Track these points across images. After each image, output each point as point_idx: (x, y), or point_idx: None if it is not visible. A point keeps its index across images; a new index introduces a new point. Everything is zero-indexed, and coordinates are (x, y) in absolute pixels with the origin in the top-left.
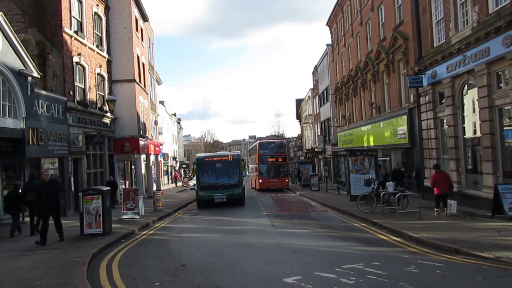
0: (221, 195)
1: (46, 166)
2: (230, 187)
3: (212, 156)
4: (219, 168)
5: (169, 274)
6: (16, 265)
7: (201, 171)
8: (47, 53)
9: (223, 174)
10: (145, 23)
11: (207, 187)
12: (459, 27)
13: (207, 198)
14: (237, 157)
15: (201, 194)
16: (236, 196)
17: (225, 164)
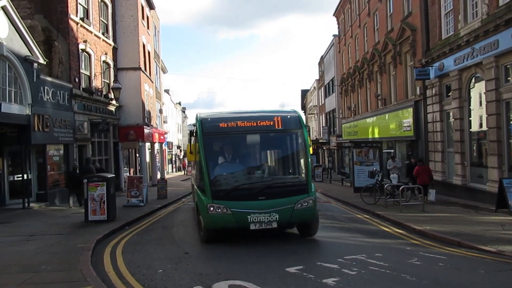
0: (265, 215)
1: (51, 153)
2: (284, 194)
3: (235, 119)
4: (254, 149)
5: (172, 261)
6: (21, 249)
7: (211, 154)
8: (53, 39)
9: (265, 163)
10: (151, 11)
11: (228, 194)
12: (468, 19)
13: (228, 223)
14: (295, 121)
15: (212, 213)
16: (301, 216)
17: (269, 138)
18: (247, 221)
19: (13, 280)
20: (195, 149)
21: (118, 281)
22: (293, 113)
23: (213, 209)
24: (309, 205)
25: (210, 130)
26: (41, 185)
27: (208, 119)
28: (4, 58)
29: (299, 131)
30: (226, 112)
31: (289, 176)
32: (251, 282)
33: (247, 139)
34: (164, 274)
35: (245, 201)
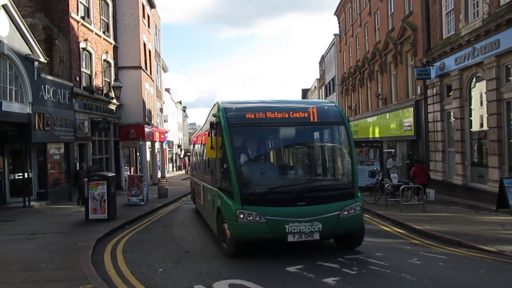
0: (305, 224)
1: (52, 151)
2: (327, 199)
3: (264, 109)
4: (288, 144)
5: (173, 260)
6: (22, 248)
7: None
8: (54, 38)
9: (302, 161)
10: (152, 10)
11: (261, 198)
12: (469, 18)
13: (262, 233)
14: (334, 113)
15: (242, 221)
16: (347, 226)
17: (305, 132)
18: (284, 231)
19: (13, 279)
20: (217, 143)
21: (118, 279)
22: (331, 104)
23: (243, 217)
24: (356, 212)
25: (236, 121)
26: (41, 183)
27: (233, 108)
28: (5, 56)
29: (341, 124)
30: (250, 101)
31: (332, 177)
32: (252, 281)
33: (280, 133)
34: (165, 273)
35: (282, 207)
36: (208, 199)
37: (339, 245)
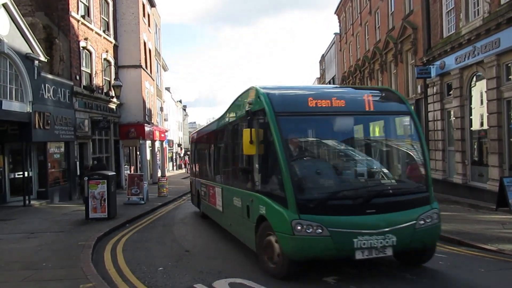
0: (377, 237)
1: (52, 150)
2: (401, 205)
3: (316, 96)
4: (347, 138)
5: (173, 259)
6: (22, 247)
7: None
8: (54, 37)
9: (366, 160)
10: (152, 9)
11: (322, 205)
12: (470, 17)
13: (325, 250)
14: (399, 102)
15: (300, 235)
16: (424, 239)
17: (367, 124)
18: (352, 246)
19: (14, 277)
20: (257, 137)
21: (118, 278)
22: (390, 92)
23: (301, 229)
24: (433, 221)
25: (285, 110)
26: (41, 182)
27: (276, 94)
28: (5, 55)
29: (407, 115)
30: (293, 87)
31: (402, 179)
32: (252, 280)
33: (338, 125)
34: (165, 271)
35: (349, 216)
36: (235, 204)
37: (404, 261)
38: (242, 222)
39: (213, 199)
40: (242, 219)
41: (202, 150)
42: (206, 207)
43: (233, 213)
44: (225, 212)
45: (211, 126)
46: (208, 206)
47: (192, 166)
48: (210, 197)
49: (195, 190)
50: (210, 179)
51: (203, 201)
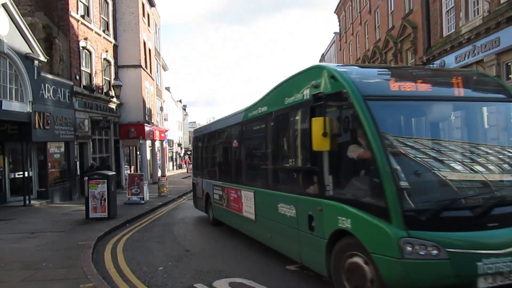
0: (504, 259)
1: (52, 150)
2: None
3: (409, 77)
4: (450, 130)
5: (173, 259)
6: (23, 246)
7: (389, 137)
8: (54, 37)
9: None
10: (152, 8)
11: (437, 218)
12: (470, 16)
13: (442, 278)
14: (498, 86)
15: (412, 258)
16: None
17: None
18: (474, 272)
19: (14, 277)
20: (331, 128)
21: (119, 278)
22: (484, 76)
23: (412, 250)
24: None
25: (374, 92)
26: (42, 182)
27: (356, 72)
28: (5, 55)
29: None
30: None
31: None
32: (252, 279)
33: (439, 113)
34: (165, 271)
35: (468, 232)
36: (283, 213)
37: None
38: (297, 236)
39: (237, 205)
40: (296, 232)
41: (215, 147)
42: (222, 212)
43: (276, 224)
44: (260, 221)
45: (232, 119)
46: (227, 212)
47: (197, 166)
48: (231, 202)
49: (202, 193)
50: (230, 181)
51: (216, 205)
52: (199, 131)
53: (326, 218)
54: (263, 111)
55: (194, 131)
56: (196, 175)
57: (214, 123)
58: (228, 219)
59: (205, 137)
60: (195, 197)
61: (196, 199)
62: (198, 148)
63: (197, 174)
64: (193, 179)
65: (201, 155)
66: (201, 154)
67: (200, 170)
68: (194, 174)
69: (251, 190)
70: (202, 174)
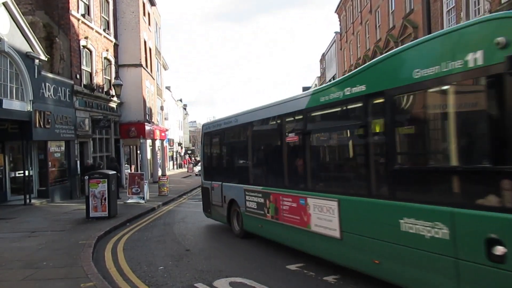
0: None
1: (52, 149)
2: None
3: None
4: None
5: (174, 258)
6: (23, 245)
7: None
8: (54, 36)
9: None
10: (152, 8)
11: None
12: (471, 16)
13: None
14: None
15: None
16: None
17: None
18: None
19: (15, 276)
20: None
21: (119, 277)
22: None
23: None
24: None
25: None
26: (42, 181)
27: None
28: (6, 54)
29: None
30: None
31: None
32: (252, 279)
33: None
34: (165, 270)
35: None
36: (419, 232)
37: None
38: (453, 268)
39: (297, 216)
40: (449, 262)
41: (247, 144)
42: (264, 225)
43: (392, 246)
44: (353, 241)
45: (281, 108)
46: (273, 225)
47: (211, 167)
48: (284, 213)
49: (222, 200)
50: (282, 186)
51: (250, 216)
52: (215, 126)
53: None
54: (356, 92)
55: (205, 125)
56: (210, 177)
57: (242, 114)
58: (274, 233)
59: (226, 133)
60: (208, 204)
61: (211, 207)
62: (213, 145)
63: (211, 177)
64: (203, 182)
65: (218, 154)
66: (220, 152)
67: (217, 172)
68: (206, 176)
69: (333, 199)
70: (220, 177)
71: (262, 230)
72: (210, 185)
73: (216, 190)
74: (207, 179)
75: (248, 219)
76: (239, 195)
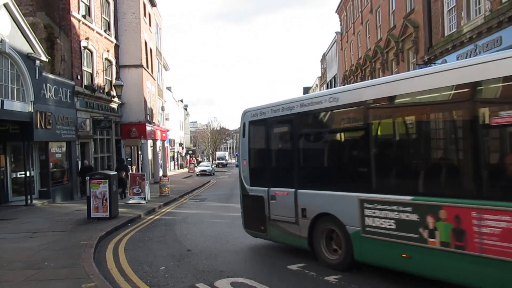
0: None
1: (53, 150)
2: None
3: None
4: None
5: (175, 258)
6: (25, 246)
7: None
8: (55, 37)
9: None
10: (153, 8)
11: None
12: (471, 16)
13: None
14: None
15: None
16: None
17: None
18: None
19: (16, 277)
20: None
21: (120, 278)
22: None
23: None
24: None
25: None
26: (43, 182)
27: None
28: (7, 55)
29: None
30: None
31: None
32: (253, 279)
33: None
34: (167, 271)
35: None
36: None
37: None
38: None
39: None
40: None
41: (364, 132)
42: (413, 254)
43: None
44: None
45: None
46: (446, 255)
47: (264, 167)
48: (482, 238)
49: (298, 214)
50: (472, 195)
51: (375, 240)
52: (273, 111)
53: None
54: None
55: (250, 112)
56: (263, 182)
57: (349, 91)
58: (449, 269)
59: (304, 119)
60: (259, 219)
61: (268, 223)
62: (271, 138)
63: (265, 181)
64: (248, 189)
65: (284, 149)
66: (288, 147)
67: (281, 175)
68: (254, 180)
69: None
70: (289, 181)
71: (413, 264)
72: (267, 193)
73: (282, 200)
74: (258, 184)
75: (371, 245)
76: (343, 208)
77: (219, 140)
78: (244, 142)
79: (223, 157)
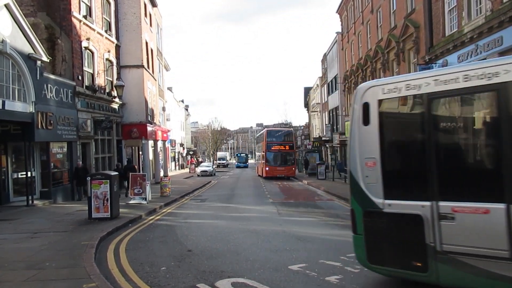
0: None
1: (54, 150)
2: None
3: None
4: None
5: (176, 259)
6: (26, 246)
7: None
8: (56, 37)
9: None
10: (153, 9)
11: None
12: (472, 15)
13: None
14: None
15: None
16: None
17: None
18: None
19: (17, 277)
20: None
21: (121, 278)
22: None
23: None
24: None
25: None
26: (44, 182)
27: None
28: (8, 55)
29: None
30: None
31: None
32: (254, 279)
33: None
34: (167, 271)
35: None
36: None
37: None
38: None
39: None
40: None
41: None
42: None
43: None
44: None
45: None
46: None
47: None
48: None
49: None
50: None
51: None
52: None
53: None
54: None
55: (373, 87)
56: (422, 193)
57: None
58: None
59: None
60: (406, 248)
61: (431, 255)
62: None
63: (428, 191)
64: (384, 203)
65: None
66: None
67: (474, 181)
68: (394, 190)
69: None
70: (495, 191)
71: None
72: (431, 209)
73: (474, 220)
74: (405, 195)
75: None
76: None
77: (220, 141)
78: (365, 133)
79: (224, 157)
